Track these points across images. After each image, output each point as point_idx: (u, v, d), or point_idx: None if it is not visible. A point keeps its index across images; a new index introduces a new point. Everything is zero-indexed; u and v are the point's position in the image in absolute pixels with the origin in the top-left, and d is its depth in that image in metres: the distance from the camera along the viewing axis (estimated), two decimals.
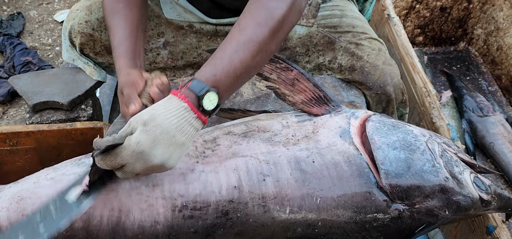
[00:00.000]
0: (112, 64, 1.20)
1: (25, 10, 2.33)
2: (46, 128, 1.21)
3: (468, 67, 1.88)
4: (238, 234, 0.75)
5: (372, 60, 1.10)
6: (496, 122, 1.54)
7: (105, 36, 1.15)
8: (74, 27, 1.15)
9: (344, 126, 0.83)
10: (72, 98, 1.25)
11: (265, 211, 0.75)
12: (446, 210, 0.79)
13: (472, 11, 1.83)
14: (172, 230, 0.73)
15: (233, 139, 0.81)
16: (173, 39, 1.17)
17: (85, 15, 1.14)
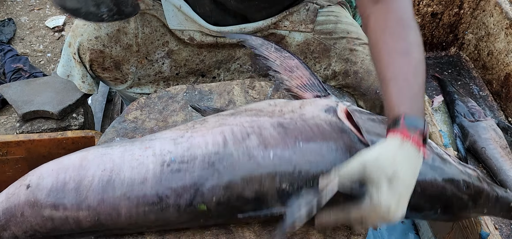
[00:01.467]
0: (118, 78, 1.16)
1: (16, 16, 2.30)
2: (37, 137, 1.19)
3: (459, 72, 1.89)
4: (227, 187, 0.75)
5: (366, 66, 1.11)
6: (488, 127, 1.55)
7: (116, 52, 1.11)
8: (82, 44, 1.09)
9: (331, 105, 0.86)
10: (63, 108, 1.24)
11: (250, 158, 0.76)
12: None
13: (463, 17, 1.85)
14: (160, 186, 0.75)
15: (221, 117, 0.86)
16: (176, 48, 1.17)
17: (94, 31, 1.08)
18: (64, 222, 0.76)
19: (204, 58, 1.19)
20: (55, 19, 2.28)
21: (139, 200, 0.75)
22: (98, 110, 1.65)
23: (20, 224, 0.77)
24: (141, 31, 1.12)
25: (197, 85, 1.10)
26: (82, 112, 1.28)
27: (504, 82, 1.72)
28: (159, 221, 0.76)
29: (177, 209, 0.75)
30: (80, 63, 1.12)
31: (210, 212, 0.76)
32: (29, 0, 2.43)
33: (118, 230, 0.79)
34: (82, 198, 0.75)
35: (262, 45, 0.96)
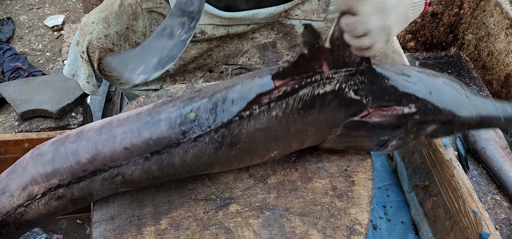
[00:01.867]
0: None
1: (15, 15, 2.30)
2: (35, 136, 1.19)
3: (460, 72, 1.89)
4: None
5: (383, 51, 1.11)
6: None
7: (125, 50, 1.10)
8: (92, 43, 1.08)
9: None
10: (62, 107, 1.23)
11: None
12: None
13: (463, 17, 1.85)
14: (152, 110, 0.82)
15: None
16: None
17: (103, 29, 1.07)
18: (65, 161, 0.78)
19: (211, 53, 1.19)
20: (54, 18, 2.27)
21: (133, 124, 0.80)
22: (97, 110, 1.64)
23: (23, 176, 0.80)
24: (149, 30, 1.12)
25: (197, 84, 1.09)
26: (81, 112, 1.27)
27: (504, 83, 1.71)
28: (153, 137, 0.78)
29: (167, 115, 0.80)
30: (87, 62, 1.12)
31: (197, 118, 0.79)
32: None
33: (113, 162, 0.79)
34: (82, 137, 0.80)
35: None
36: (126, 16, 1.09)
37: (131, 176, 0.80)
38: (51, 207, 0.81)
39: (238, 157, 0.83)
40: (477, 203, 1.02)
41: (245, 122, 0.79)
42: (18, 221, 0.81)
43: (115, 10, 1.08)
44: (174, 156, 0.79)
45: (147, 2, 1.11)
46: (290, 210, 0.87)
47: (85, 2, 1.95)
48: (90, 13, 1.11)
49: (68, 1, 2.44)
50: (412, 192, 1.31)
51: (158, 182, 0.85)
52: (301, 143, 0.87)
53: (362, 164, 0.95)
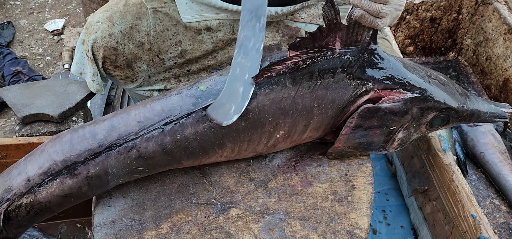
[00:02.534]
0: (128, 77, 1.17)
1: (15, 19, 2.30)
2: (36, 140, 1.19)
3: (458, 77, 1.90)
4: None
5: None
6: (486, 132, 1.56)
7: (128, 49, 1.12)
8: (97, 41, 1.09)
9: None
10: (63, 111, 1.23)
11: None
12: None
13: (461, 22, 1.86)
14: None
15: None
16: (190, 48, 1.17)
17: (107, 28, 1.09)
18: (82, 139, 0.81)
19: (216, 55, 1.20)
20: (54, 23, 2.28)
21: (147, 102, 0.84)
22: (97, 114, 1.65)
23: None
24: (152, 29, 1.12)
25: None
26: (82, 116, 1.28)
27: (502, 87, 1.72)
28: (165, 109, 0.82)
29: (178, 92, 0.84)
30: (92, 61, 1.13)
31: (207, 89, 0.83)
32: (29, 4, 2.43)
33: (128, 136, 0.81)
34: (97, 121, 0.84)
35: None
36: (130, 15, 1.10)
37: (145, 149, 0.81)
38: (66, 187, 0.81)
39: (247, 131, 0.85)
40: (476, 207, 1.02)
41: (256, 90, 0.81)
42: (30, 204, 0.81)
43: (119, 10, 1.10)
44: (186, 127, 0.81)
45: (152, 2, 1.12)
46: (291, 214, 0.87)
47: (85, 6, 1.96)
48: (96, 13, 1.12)
49: (68, 5, 2.44)
50: (411, 196, 1.32)
51: (173, 160, 0.85)
52: (305, 125, 0.88)
53: (362, 168, 0.95)
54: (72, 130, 0.84)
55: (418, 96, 0.89)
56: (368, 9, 0.77)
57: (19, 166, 0.83)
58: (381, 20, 0.79)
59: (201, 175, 0.92)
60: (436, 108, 0.93)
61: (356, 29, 0.80)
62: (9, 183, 0.81)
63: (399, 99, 0.87)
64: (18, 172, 0.82)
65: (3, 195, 0.80)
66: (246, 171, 0.93)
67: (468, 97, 1.00)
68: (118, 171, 0.83)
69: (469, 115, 0.99)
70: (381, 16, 0.78)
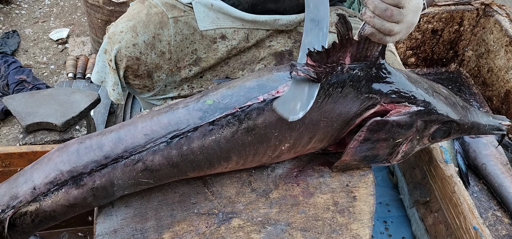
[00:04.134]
0: (147, 86, 1.18)
1: (20, 28, 2.33)
2: (40, 149, 1.20)
3: (460, 88, 1.91)
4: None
5: (397, 66, 1.14)
6: (488, 143, 1.55)
7: (150, 59, 1.13)
8: (120, 51, 1.10)
9: None
10: (66, 120, 1.25)
11: None
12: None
13: (463, 34, 1.87)
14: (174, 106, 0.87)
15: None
16: (204, 55, 1.19)
17: (132, 38, 1.10)
18: (89, 150, 0.82)
19: (229, 61, 1.22)
20: (59, 32, 2.30)
21: (153, 115, 0.84)
22: (100, 122, 1.66)
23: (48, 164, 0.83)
24: (173, 39, 1.14)
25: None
26: (85, 125, 1.29)
27: (504, 99, 1.73)
28: (171, 123, 0.82)
29: (185, 105, 0.84)
30: (114, 71, 1.14)
31: (214, 103, 0.83)
32: (34, 13, 2.46)
33: (134, 148, 0.82)
34: (104, 132, 0.84)
35: None
36: (153, 25, 1.11)
37: (152, 162, 0.82)
38: (71, 197, 0.81)
39: (253, 145, 0.85)
40: (477, 219, 1.02)
41: (263, 106, 0.82)
42: (35, 212, 0.81)
43: (142, 19, 1.11)
44: (193, 140, 0.82)
45: (173, 11, 1.13)
46: (292, 225, 0.87)
47: (90, 16, 1.98)
48: (117, 22, 1.13)
49: (73, 14, 2.47)
50: (413, 208, 1.31)
51: (178, 172, 0.85)
52: (310, 137, 0.89)
53: (364, 179, 0.95)
54: (79, 140, 0.84)
55: (422, 110, 0.90)
56: (380, 28, 0.77)
57: (26, 173, 0.83)
58: (391, 38, 0.80)
59: (203, 185, 0.93)
60: (439, 121, 0.94)
61: (366, 44, 0.81)
62: (15, 191, 0.81)
63: (405, 112, 0.88)
64: (24, 179, 0.82)
65: (9, 202, 0.81)
66: (248, 181, 0.94)
67: (468, 110, 1.01)
68: (124, 182, 0.83)
69: (470, 128, 1.00)
70: (392, 34, 0.79)
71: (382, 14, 0.76)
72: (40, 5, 2.52)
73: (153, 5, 1.13)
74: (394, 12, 0.76)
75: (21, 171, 0.85)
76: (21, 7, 2.48)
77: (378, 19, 0.77)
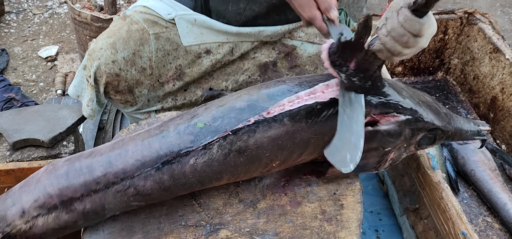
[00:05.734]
0: (129, 101, 1.18)
1: (9, 46, 2.32)
2: (27, 166, 1.19)
3: (447, 96, 1.93)
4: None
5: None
6: (476, 149, 1.57)
7: (131, 75, 1.13)
8: (100, 67, 1.10)
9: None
10: (53, 136, 1.24)
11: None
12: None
13: (448, 42, 1.90)
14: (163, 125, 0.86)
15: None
16: (189, 70, 1.19)
17: (111, 55, 1.10)
18: (79, 173, 0.79)
19: (213, 73, 1.22)
20: (48, 49, 2.30)
21: (144, 138, 0.84)
22: (89, 138, 1.65)
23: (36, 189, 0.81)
24: (154, 55, 1.14)
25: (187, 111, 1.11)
26: (73, 140, 1.28)
27: (490, 105, 1.75)
28: (163, 147, 0.81)
29: (175, 128, 0.83)
30: (92, 87, 1.14)
31: (206, 126, 0.82)
32: (23, 31, 2.46)
33: (125, 174, 0.80)
34: (95, 152, 0.83)
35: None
36: (133, 41, 1.11)
37: (143, 187, 0.81)
38: (61, 221, 0.80)
39: (245, 165, 0.85)
40: (466, 224, 1.03)
41: (254, 128, 0.81)
42: (24, 234, 0.80)
43: (122, 36, 1.11)
44: (185, 165, 0.81)
45: (154, 27, 1.14)
46: (280, 234, 0.87)
47: (78, 33, 1.98)
48: (98, 39, 1.13)
49: (62, 32, 2.47)
50: (403, 215, 1.32)
51: (170, 195, 0.85)
52: (301, 153, 0.89)
53: (351, 187, 0.96)
54: (69, 161, 0.83)
55: (410, 118, 0.91)
56: (390, 49, 0.75)
57: (14, 195, 0.82)
58: (398, 58, 0.78)
59: (190, 197, 0.93)
60: (425, 128, 0.95)
61: (372, 58, 0.80)
62: (3, 213, 0.80)
63: (394, 121, 0.89)
64: (13, 202, 0.81)
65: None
66: (235, 192, 0.94)
67: (451, 117, 1.03)
68: (115, 206, 0.82)
69: (453, 134, 1.02)
70: (400, 56, 0.77)
71: (398, 38, 0.73)
72: (29, 24, 2.52)
73: (134, 22, 1.13)
74: (411, 40, 0.73)
75: (9, 191, 0.84)
76: (10, 26, 2.48)
77: (391, 40, 0.74)
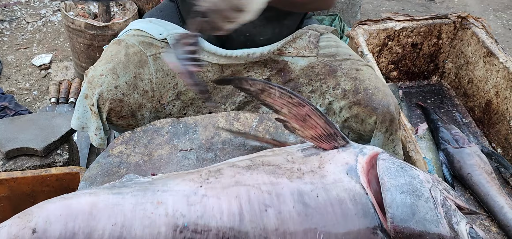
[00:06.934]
0: (131, 125, 1.15)
1: (2, 55, 2.31)
2: (20, 175, 1.17)
3: (442, 100, 1.94)
4: None
5: (374, 83, 1.15)
6: (472, 153, 1.57)
7: (133, 100, 1.10)
8: (102, 94, 1.07)
9: (351, 163, 0.83)
10: (47, 144, 1.22)
11: None
12: None
13: (442, 46, 1.91)
14: None
15: (237, 170, 0.82)
16: (184, 89, 1.18)
17: (113, 80, 1.07)
18: None
19: (209, 96, 1.21)
20: (42, 57, 2.29)
21: None
22: (84, 147, 1.63)
23: None
24: (155, 76, 1.13)
25: (182, 118, 1.10)
26: (67, 149, 1.26)
27: (485, 109, 1.76)
28: None
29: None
30: (96, 115, 1.10)
31: None
32: (16, 39, 2.45)
33: None
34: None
35: (264, 91, 0.87)
36: (133, 64, 1.09)
37: None
38: None
39: None
40: None
41: None
42: None
43: (121, 60, 1.09)
44: None
45: (150, 49, 1.13)
46: None
47: (72, 41, 1.97)
48: (96, 66, 1.10)
49: (56, 40, 2.46)
50: None
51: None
52: None
53: None
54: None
55: None
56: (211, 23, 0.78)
57: None
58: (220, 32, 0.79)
59: None
60: None
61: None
62: None
63: None
64: None
65: None
66: None
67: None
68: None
69: None
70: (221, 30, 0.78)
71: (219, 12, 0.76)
72: (22, 32, 2.51)
73: (130, 45, 1.12)
74: (232, 15, 0.76)
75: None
76: (3, 34, 2.47)
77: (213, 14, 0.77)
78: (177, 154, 1.02)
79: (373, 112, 1.14)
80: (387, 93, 1.15)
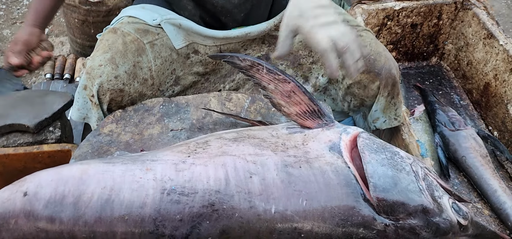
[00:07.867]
0: None
1: None
2: (12, 151, 1.18)
3: (441, 82, 1.92)
4: (223, 230, 0.73)
5: (375, 48, 1.14)
6: (468, 136, 1.57)
7: (134, 89, 1.08)
8: (103, 85, 1.05)
9: (335, 140, 0.85)
10: (39, 121, 1.22)
11: (250, 206, 0.74)
12: (426, 230, 0.81)
13: (442, 27, 1.88)
14: (158, 214, 0.72)
15: (224, 142, 0.84)
16: (182, 73, 1.17)
17: (112, 70, 1.04)
18: (59, 236, 0.73)
19: (208, 77, 1.20)
20: None
21: (136, 224, 0.73)
22: (78, 123, 1.63)
23: (12, 231, 0.74)
24: (153, 63, 1.11)
25: (174, 98, 1.09)
26: (59, 126, 1.26)
27: (483, 92, 1.74)
28: None
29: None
30: (97, 106, 1.08)
31: None
32: (12, 13, 2.42)
33: None
34: (80, 214, 0.73)
35: (252, 67, 0.89)
36: (131, 53, 1.07)
37: None
38: None
39: None
40: None
41: None
42: None
43: (119, 49, 1.06)
44: None
45: (147, 36, 1.10)
46: None
47: (66, 16, 1.95)
48: (94, 56, 1.08)
49: None
50: None
51: None
52: None
53: None
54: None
55: None
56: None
57: None
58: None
59: None
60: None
61: None
62: None
63: None
64: None
65: None
66: None
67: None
68: None
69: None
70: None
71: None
72: (18, 6, 2.47)
73: (126, 34, 1.09)
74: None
75: None
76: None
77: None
78: (168, 134, 1.02)
79: (376, 78, 1.13)
80: (389, 57, 1.14)
